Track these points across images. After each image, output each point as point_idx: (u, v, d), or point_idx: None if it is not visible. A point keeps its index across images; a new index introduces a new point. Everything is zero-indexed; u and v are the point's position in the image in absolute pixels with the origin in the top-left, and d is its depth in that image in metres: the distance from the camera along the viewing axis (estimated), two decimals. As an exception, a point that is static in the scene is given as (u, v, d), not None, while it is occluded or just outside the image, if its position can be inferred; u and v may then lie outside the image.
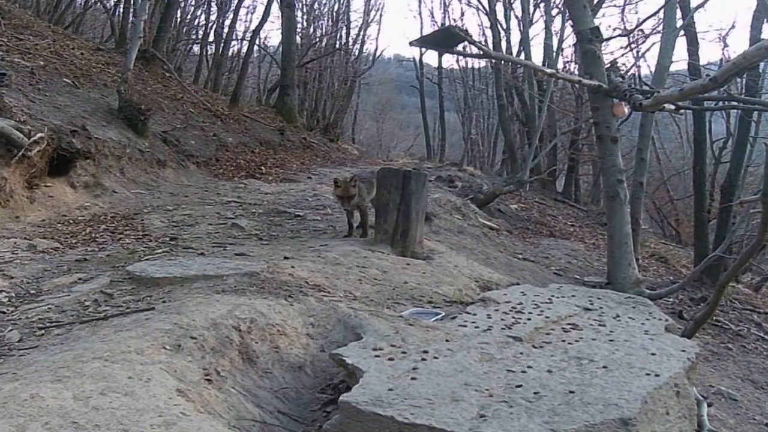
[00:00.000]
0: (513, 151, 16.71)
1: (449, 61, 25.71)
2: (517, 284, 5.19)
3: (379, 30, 52.41)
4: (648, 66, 18.79)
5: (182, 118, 10.86)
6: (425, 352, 2.87)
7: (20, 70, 7.99)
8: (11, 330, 3.27)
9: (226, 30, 17.91)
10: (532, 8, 17.64)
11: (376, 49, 29.66)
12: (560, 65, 16.05)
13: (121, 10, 14.96)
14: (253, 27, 18.00)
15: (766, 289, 10.69)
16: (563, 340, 3.12)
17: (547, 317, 3.51)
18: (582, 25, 6.93)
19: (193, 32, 18.77)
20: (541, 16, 17.56)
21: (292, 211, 7.14)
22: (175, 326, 2.97)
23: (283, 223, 6.61)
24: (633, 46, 14.81)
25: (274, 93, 17.70)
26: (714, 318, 6.95)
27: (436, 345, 2.97)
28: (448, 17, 22.80)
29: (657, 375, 2.68)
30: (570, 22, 10.97)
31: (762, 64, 8.28)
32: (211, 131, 11.17)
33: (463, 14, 33.39)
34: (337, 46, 21.76)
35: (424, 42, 6.94)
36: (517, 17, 18.48)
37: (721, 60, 13.46)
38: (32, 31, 10.34)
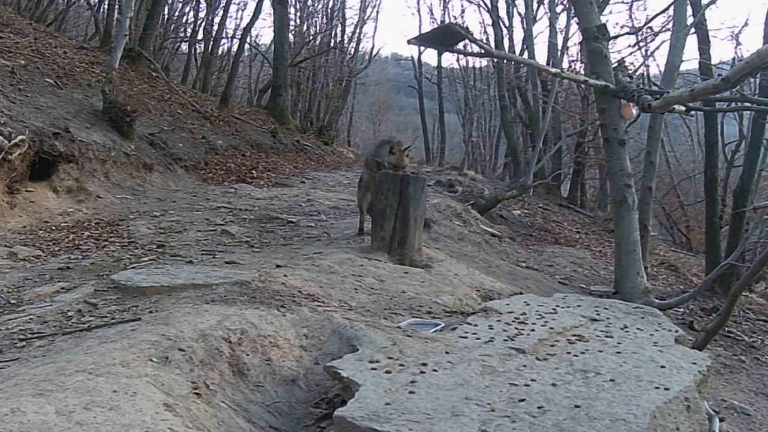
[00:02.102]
0: (516, 154, 16.71)
1: (449, 60, 25.71)
2: (521, 294, 5.16)
3: (375, 28, 53.01)
4: (657, 65, 18.73)
5: (170, 120, 10.79)
6: (424, 364, 2.83)
7: (0, 70, 7.88)
8: (-9, 341, 3.21)
9: (215, 27, 17.90)
10: (535, 5, 17.73)
11: (372, 48, 29.56)
12: (565, 64, 15.95)
13: (106, 6, 14.84)
14: (243, 24, 18.02)
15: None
16: (568, 352, 3.07)
17: (551, 328, 3.47)
18: (588, 23, 6.90)
19: (181, 30, 18.75)
20: (546, 13, 17.63)
21: (285, 217, 7.08)
22: (163, 338, 2.93)
23: (275, 229, 6.55)
24: (641, 44, 14.68)
25: (265, 93, 17.66)
26: (726, 329, 6.94)
27: (435, 357, 2.93)
28: (448, 14, 22.86)
29: (666, 388, 2.65)
30: (575, 19, 10.95)
31: (776, 63, 8.19)
32: (200, 133, 11.08)
33: (463, 11, 33.77)
34: (332, 44, 21.70)
35: (422, 40, 6.89)
36: (520, 14, 18.62)
37: (734, 59, 13.52)
38: (13, 28, 10.25)
